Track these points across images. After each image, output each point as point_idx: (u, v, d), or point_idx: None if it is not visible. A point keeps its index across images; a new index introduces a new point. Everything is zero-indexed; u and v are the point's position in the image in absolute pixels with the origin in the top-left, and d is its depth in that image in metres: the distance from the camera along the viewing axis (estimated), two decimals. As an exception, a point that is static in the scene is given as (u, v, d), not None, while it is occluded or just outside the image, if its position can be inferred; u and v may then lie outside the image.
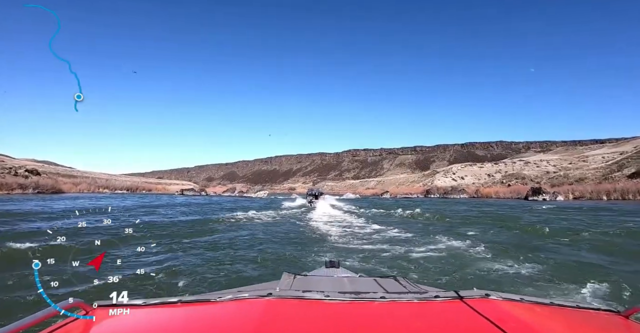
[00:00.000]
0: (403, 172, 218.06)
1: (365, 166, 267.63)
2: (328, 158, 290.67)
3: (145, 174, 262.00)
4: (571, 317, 0.99)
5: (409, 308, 0.97)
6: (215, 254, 6.16)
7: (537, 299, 1.06)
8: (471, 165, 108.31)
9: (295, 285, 1.40)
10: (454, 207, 25.36)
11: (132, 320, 0.90)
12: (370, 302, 0.98)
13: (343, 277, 1.86)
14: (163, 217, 14.01)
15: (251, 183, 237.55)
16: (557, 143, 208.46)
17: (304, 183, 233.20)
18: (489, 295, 1.01)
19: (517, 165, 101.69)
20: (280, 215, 16.15)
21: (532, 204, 29.44)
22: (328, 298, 0.98)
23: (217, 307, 0.96)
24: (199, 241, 7.67)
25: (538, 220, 13.84)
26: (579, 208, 22.15)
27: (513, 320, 0.85)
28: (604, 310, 1.05)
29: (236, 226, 11.14)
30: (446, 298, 1.01)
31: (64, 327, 0.86)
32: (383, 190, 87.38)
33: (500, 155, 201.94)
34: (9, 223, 9.71)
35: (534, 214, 17.45)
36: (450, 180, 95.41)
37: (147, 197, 40.03)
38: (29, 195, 32.07)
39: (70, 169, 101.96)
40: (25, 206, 17.48)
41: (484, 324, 0.84)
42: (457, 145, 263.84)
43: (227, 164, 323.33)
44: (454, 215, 16.74)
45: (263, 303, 0.94)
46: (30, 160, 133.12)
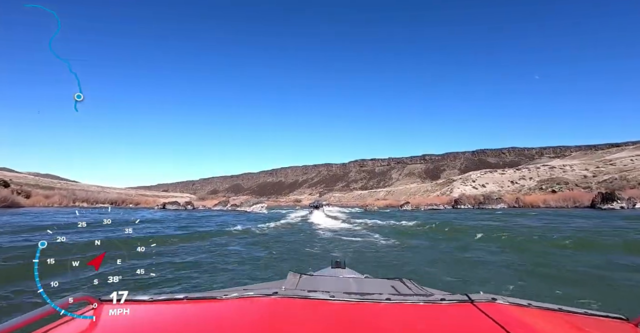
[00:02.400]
0: (413, 182, 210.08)
1: (373, 176, 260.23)
2: (334, 169, 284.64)
3: (151, 187, 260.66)
4: (580, 323, 0.95)
5: (415, 310, 0.95)
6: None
7: (545, 305, 1.02)
8: (491, 172, 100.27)
9: (301, 285, 1.42)
10: (528, 221, 17.70)
11: (138, 315, 0.89)
12: (375, 303, 0.97)
13: (349, 277, 1.84)
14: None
15: (256, 195, 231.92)
16: (571, 148, 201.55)
17: (310, 194, 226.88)
18: (495, 299, 0.99)
19: (542, 170, 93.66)
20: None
21: (613, 214, 22.60)
22: (333, 299, 0.97)
23: (223, 304, 0.96)
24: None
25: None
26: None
27: (519, 324, 0.83)
28: (612, 317, 1.01)
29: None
30: (452, 301, 0.99)
31: (65, 323, 0.85)
32: (396, 200, 79.39)
33: (514, 162, 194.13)
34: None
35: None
36: (470, 188, 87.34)
37: (120, 212, 32.95)
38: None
39: (74, 183, 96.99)
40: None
41: (490, 328, 0.82)
42: (467, 152, 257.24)
43: (232, 177, 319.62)
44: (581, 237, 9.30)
45: (268, 302, 0.95)
46: (33, 174, 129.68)
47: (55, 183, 76.13)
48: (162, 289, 4.54)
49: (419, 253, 7.93)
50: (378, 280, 1.71)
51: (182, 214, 28.72)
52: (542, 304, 1.02)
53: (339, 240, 10.48)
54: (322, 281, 1.63)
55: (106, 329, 0.83)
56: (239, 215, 28.73)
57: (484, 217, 22.11)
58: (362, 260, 6.83)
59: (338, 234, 12.38)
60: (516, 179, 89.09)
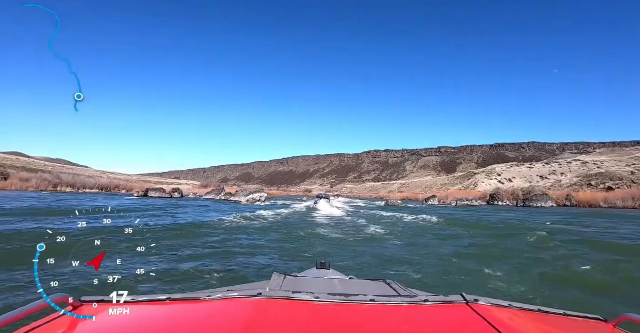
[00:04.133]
0: (428, 175, 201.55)
1: (386, 168, 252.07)
2: (347, 159, 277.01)
3: (163, 174, 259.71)
4: (559, 324, 0.97)
5: (398, 311, 0.95)
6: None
7: (525, 306, 1.03)
8: (517, 166, 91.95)
9: (285, 286, 1.40)
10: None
11: (118, 316, 0.88)
12: (359, 305, 0.97)
13: (334, 278, 1.82)
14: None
15: (267, 184, 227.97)
16: (594, 144, 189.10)
17: (321, 185, 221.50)
18: (477, 300, 0.99)
19: (574, 165, 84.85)
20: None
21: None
22: (317, 300, 0.97)
23: (206, 305, 0.95)
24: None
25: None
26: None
27: (501, 325, 0.83)
28: (591, 318, 1.02)
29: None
30: (435, 303, 0.99)
31: (51, 322, 0.85)
32: (414, 193, 72.47)
33: (534, 157, 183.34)
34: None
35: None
36: (496, 182, 79.61)
37: (87, 199, 27.60)
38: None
39: (83, 168, 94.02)
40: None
41: (471, 329, 0.83)
42: (484, 146, 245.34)
43: (242, 165, 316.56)
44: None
45: (252, 303, 0.94)
46: (43, 159, 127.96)
47: (47, 166, 72.01)
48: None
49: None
50: (363, 282, 1.72)
51: (157, 203, 23.05)
52: (522, 305, 1.02)
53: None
54: (307, 282, 1.61)
55: (88, 328, 0.82)
56: (225, 206, 22.78)
57: (565, 221, 15.56)
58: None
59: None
60: (546, 174, 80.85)
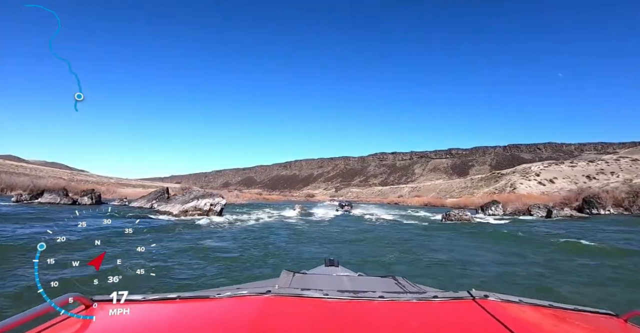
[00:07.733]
0: (439, 178, 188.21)
1: (394, 171, 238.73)
2: (352, 162, 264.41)
3: (164, 179, 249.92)
4: (570, 319, 0.97)
5: (408, 307, 0.95)
6: None
7: (536, 301, 1.02)
8: (556, 164, 79.18)
9: (294, 283, 1.41)
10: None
11: (130, 315, 0.88)
12: (368, 301, 0.97)
13: (342, 275, 1.82)
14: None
15: (269, 189, 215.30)
16: (614, 144, 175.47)
17: (325, 189, 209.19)
18: (488, 296, 0.99)
19: (623, 162, 72.52)
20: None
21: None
22: (326, 297, 0.97)
23: (216, 303, 0.96)
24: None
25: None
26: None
27: (510, 320, 0.82)
28: (602, 313, 1.02)
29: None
30: (444, 299, 0.99)
31: (63, 322, 0.85)
32: (437, 198, 60.14)
33: (551, 158, 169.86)
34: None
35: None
36: (535, 184, 67.04)
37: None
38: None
39: (79, 172, 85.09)
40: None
41: (483, 324, 0.82)
42: (498, 147, 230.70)
43: (244, 169, 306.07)
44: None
45: (261, 301, 0.94)
46: (40, 162, 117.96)
47: (23, 168, 60.49)
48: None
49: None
50: (371, 278, 1.72)
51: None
52: (533, 300, 1.01)
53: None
54: (316, 279, 1.61)
55: (97, 329, 0.82)
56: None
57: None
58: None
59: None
60: (593, 174, 68.22)
